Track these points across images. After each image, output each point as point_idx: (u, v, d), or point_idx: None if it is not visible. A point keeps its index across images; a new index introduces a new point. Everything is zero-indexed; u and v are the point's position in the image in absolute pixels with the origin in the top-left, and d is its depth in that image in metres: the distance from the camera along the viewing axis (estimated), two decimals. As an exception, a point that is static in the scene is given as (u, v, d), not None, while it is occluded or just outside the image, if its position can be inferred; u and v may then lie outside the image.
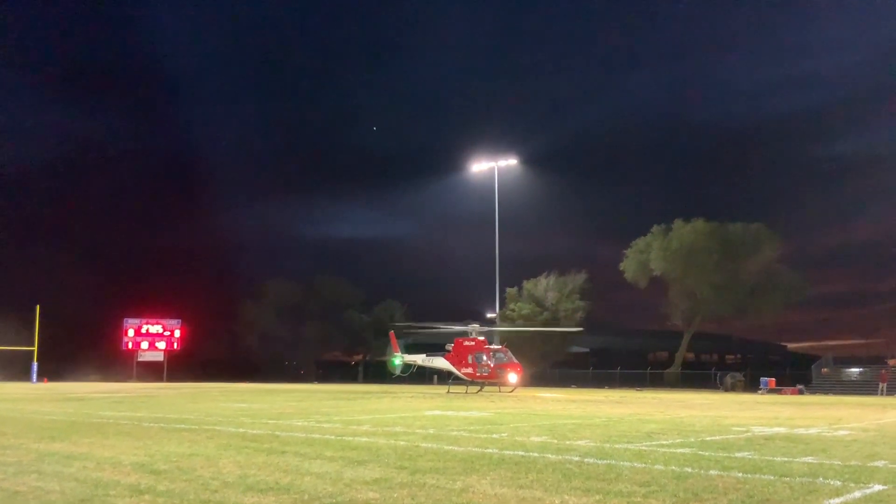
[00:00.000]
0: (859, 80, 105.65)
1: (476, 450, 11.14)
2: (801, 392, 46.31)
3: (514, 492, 7.62)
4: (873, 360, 54.77)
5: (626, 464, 9.65)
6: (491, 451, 11.02)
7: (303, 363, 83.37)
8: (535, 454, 10.62)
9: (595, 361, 67.51)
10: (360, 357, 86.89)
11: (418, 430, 14.50)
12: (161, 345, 73.93)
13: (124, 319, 72.91)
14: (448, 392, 38.43)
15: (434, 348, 44.02)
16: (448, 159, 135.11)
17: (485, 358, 38.47)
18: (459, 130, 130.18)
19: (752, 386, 51.30)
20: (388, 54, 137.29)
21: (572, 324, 57.58)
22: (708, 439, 13.15)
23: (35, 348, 61.74)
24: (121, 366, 70.90)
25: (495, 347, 40.14)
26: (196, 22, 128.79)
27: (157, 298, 75.37)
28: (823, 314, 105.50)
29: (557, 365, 64.03)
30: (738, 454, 10.80)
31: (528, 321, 58.44)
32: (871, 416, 21.49)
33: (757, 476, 8.69)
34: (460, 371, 39.75)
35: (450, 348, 41.06)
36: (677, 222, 59.27)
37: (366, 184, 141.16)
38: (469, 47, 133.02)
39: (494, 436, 13.46)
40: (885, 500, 7.49)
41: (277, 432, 13.98)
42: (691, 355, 76.90)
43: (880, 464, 9.96)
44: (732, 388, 50.55)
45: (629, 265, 60.93)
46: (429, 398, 31.55)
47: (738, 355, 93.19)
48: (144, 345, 73.26)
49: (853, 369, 53.45)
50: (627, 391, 46.22)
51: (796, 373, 55.26)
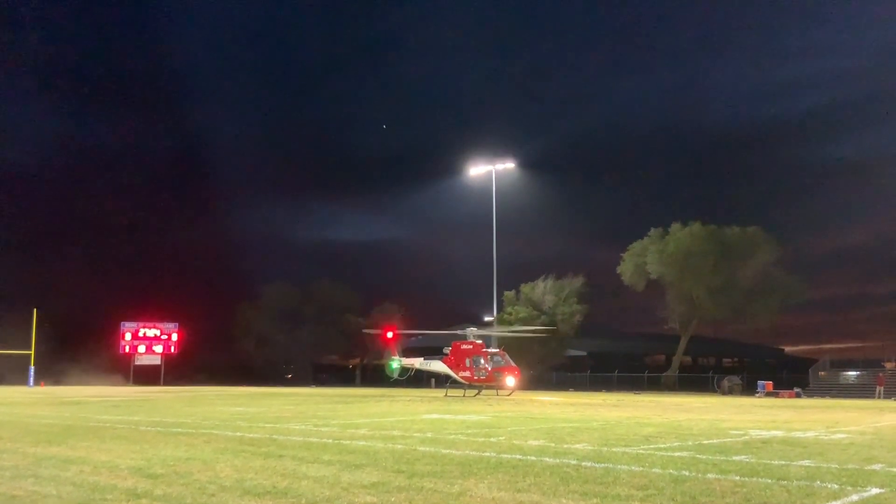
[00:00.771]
0: (856, 84, 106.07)
1: (474, 453, 11.13)
2: (798, 395, 46.35)
3: (511, 495, 7.62)
4: (870, 364, 54.82)
5: (623, 467, 9.65)
6: (488, 454, 11.01)
7: (300, 367, 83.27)
8: (533, 458, 10.62)
9: (593, 365, 67.55)
10: (357, 360, 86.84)
11: (416, 434, 14.49)
12: (158, 348, 73.78)
13: (121, 323, 72.77)
14: (446, 395, 38.39)
15: (432, 352, 44.01)
16: (446, 163, 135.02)
17: (482, 361, 38.46)
18: (457, 134, 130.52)
19: (749, 389, 51.33)
20: (386, 58, 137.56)
21: (570, 328, 57.64)
22: (705, 443, 13.15)
23: (32, 352, 61.60)
24: (118, 369, 70.75)
25: (493, 351, 40.13)
26: (195, 25, 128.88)
27: (154, 302, 75.35)
28: (820, 318, 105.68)
29: (555, 368, 64.05)
30: (735, 457, 10.80)
31: (525, 325, 58.42)
32: (868, 419, 21.51)
33: (754, 479, 8.69)
34: (458, 374, 39.74)
35: (447, 352, 41.05)
36: (674, 226, 59.37)
37: (363, 187, 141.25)
38: (468, 51, 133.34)
39: (492, 439, 13.45)
40: (882, 503, 7.50)
41: (275, 436, 13.97)
42: (689, 359, 76.98)
43: (877, 467, 9.97)
44: (730, 392, 50.59)
45: (626, 269, 60.96)
46: (426, 402, 31.52)
47: (736, 359, 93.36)
48: (142, 348, 73.10)
49: (850, 373, 53.53)
50: (625, 394, 46.21)
51: (793, 376, 55.35)
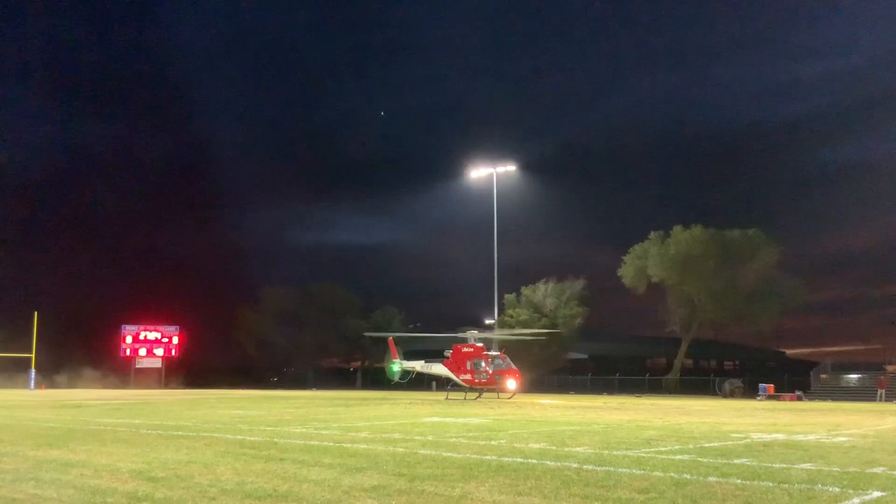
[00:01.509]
0: (858, 86, 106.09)
1: (475, 456, 11.12)
2: (799, 398, 46.28)
3: (512, 499, 7.61)
4: (872, 367, 54.76)
5: (624, 470, 9.64)
6: (489, 457, 11.00)
7: (301, 369, 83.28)
8: (534, 461, 10.61)
9: (594, 368, 67.49)
10: (358, 363, 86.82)
11: (417, 437, 14.47)
12: (159, 351, 73.79)
13: (122, 326, 72.80)
14: (446, 398, 38.36)
15: (433, 354, 43.96)
16: (447, 165, 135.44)
17: (483, 364, 38.44)
18: (458, 136, 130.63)
19: (750, 392, 51.28)
20: (387, 60, 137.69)
21: (571, 330, 57.61)
22: (706, 446, 13.13)
23: (33, 355, 61.61)
24: (119, 372, 70.75)
25: (494, 354, 40.11)
26: (195, 28, 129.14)
27: (155, 305, 75.40)
28: (822, 320, 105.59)
29: (556, 371, 64.00)
30: (736, 461, 10.79)
31: (526, 327, 58.39)
32: (869, 422, 21.48)
33: (756, 483, 8.68)
34: (459, 377, 39.71)
35: (448, 355, 41.03)
36: (675, 228, 59.36)
37: (364, 190, 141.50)
38: (469, 53, 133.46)
39: (493, 442, 13.44)
40: (883, 506, 7.49)
41: (275, 439, 13.96)
42: (690, 361, 76.87)
43: (879, 470, 9.96)
44: (731, 395, 50.55)
45: (627, 271, 60.96)
46: (427, 405, 31.48)
47: (737, 361, 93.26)
48: (142, 351, 73.11)
49: (852, 375, 53.48)
50: (626, 397, 46.16)
51: (795, 379, 55.25)
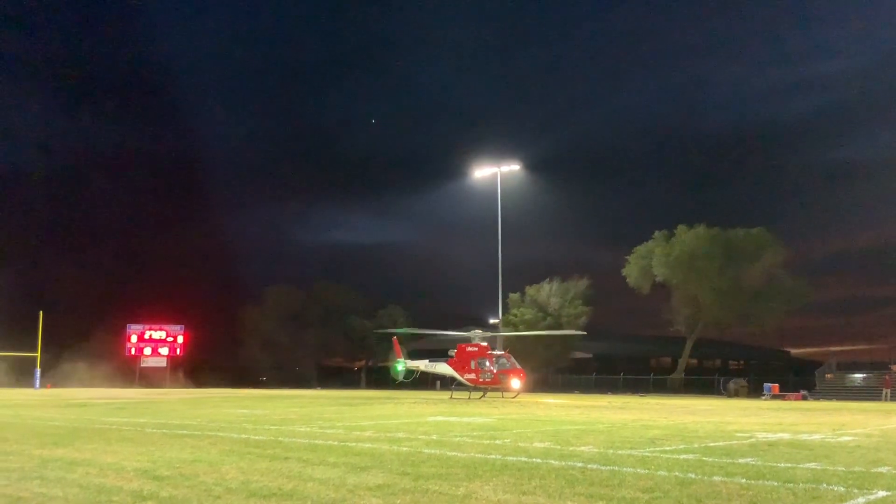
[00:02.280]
0: (862, 85, 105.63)
1: (479, 456, 11.12)
2: (804, 398, 46.20)
3: (517, 498, 7.61)
4: (877, 366, 54.63)
5: (629, 470, 9.63)
6: (494, 456, 11.00)
7: (305, 369, 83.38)
8: (539, 460, 10.61)
9: (598, 367, 67.44)
10: (362, 363, 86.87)
11: (421, 436, 14.48)
12: (164, 350, 73.98)
13: (127, 325, 73.01)
14: (451, 398, 38.37)
15: (437, 354, 43.97)
16: (451, 165, 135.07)
17: (488, 363, 38.43)
18: (462, 136, 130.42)
19: (755, 392, 51.19)
20: (390, 59, 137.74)
21: (575, 329, 57.51)
22: (711, 445, 13.11)
23: (38, 354, 61.81)
24: (124, 371, 70.97)
25: (498, 353, 40.09)
26: (196, 28, 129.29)
27: (160, 304, 75.60)
28: (827, 320, 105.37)
29: (560, 370, 64.00)
30: (741, 460, 10.77)
31: (530, 327, 58.39)
32: (874, 421, 21.42)
33: (760, 482, 8.67)
34: (463, 377, 39.71)
35: (453, 354, 41.03)
36: (680, 228, 59.26)
37: (368, 190, 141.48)
38: (471, 52, 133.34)
39: (497, 441, 13.44)
40: (889, 506, 7.47)
41: (280, 438, 13.98)
42: (694, 361, 76.76)
43: (884, 469, 9.93)
44: (736, 394, 50.47)
45: (631, 271, 60.89)
46: (432, 404, 31.50)
47: (742, 361, 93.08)
48: (147, 350, 73.32)
49: (857, 375, 53.34)
50: (630, 397, 46.13)
51: (800, 378, 55.13)
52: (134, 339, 72.92)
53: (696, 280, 57.43)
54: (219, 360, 79.15)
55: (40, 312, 61.74)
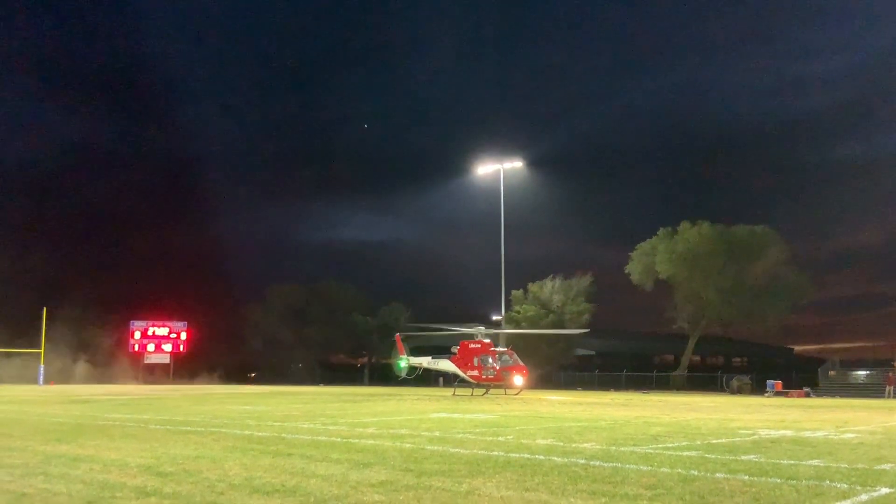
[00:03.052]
0: (865, 82, 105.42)
1: (482, 452, 11.13)
2: (807, 395, 46.14)
3: (519, 494, 7.62)
4: (880, 363, 54.53)
5: (632, 466, 9.63)
6: (497, 453, 11.01)
7: (308, 366, 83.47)
8: (541, 457, 10.61)
9: (601, 364, 67.40)
10: (365, 360, 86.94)
11: (424, 433, 14.50)
12: (167, 347, 74.07)
13: (131, 322, 73.10)
14: (454, 394, 38.39)
15: (440, 351, 43.99)
16: (454, 162, 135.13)
17: (490, 360, 38.42)
18: (465, 133, 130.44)
19: (758, 389, 51.13)
20: (391, 57, 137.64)
21: (578, 326, 57.51)
22: (714, 442, 13.11)
23: (42, 350, 61.94)
24: (127, 368, 71.07)
25: (501, 350, 40.09)
26: (197, 25, 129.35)
27: (163, 301, 75.66)
28: (830, 317, 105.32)
29: (563, 367, 63.95)
30: (744, 457, 10.77)
31: (533, 324, 58.36)
32: (877, 419, 21.40)
33: (763, 479, 8.67)
34: (466, 373, 39.71)
35: (455, 351, 41.04)
36: (683, 225, 59.13)
37: (371, 187, 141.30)
38: (474, 49, 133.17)
39: (500, 438, 13.45)
40: (891, 503, 7.47)
41: (283, 435, 14.00)
42: (697, 358, 76.72)
43: (887, 467, 9.92)
44: (739, 391, 50.41)
45: (635, 268, 60.77)
46: (434, 401, 31.53)
47: (745, 358, 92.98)
48: (151, 347, 73.42)
49: (860, 372, 53.25)
50: (633, 394, 46.11)
51: (803, 376, 55.07)
52: (137, 335, 73.02)
53: (699, 277, 57.34)
54: (222, 357, 79.20)
55: (44, 309, 61.87)
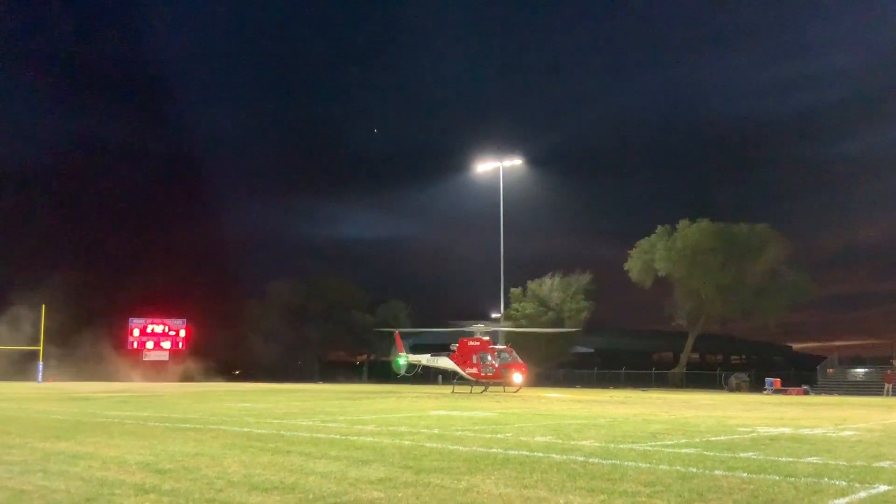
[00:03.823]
0: (865, 80, 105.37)
1: (481, 449, 11.14)
2: (806, 392, 46.21)
3: (518, 491, 7.62)
4: (879, 361, 54.59)
5: (630, 464, 9.64)
6: (495, 450, 11.02)
7: (307, 363, 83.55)
8: (540, 454, 10.62)
9: (600, 362, 67.46)
10: (364, 357, 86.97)
11: (423, 430, 14.51)
12: (166, 344, 74.14)
13: (130, 319, 73.12)
14: (453, 392, 38.41)
15: (439, 348, 43.99)
16: (453, 159, 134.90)
17: (489, 358, 38.42)
18: (465, 130, 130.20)
19: (757, 386, 51.18)
20: (391, 54, 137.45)
21: (577, 324, 57.57)
22: (713, 439, 13.13)
23: (41, 348, 61.94)
24: (126, 365, 71.11)
25: (500, 347, 40.09)
26: (197, 23, 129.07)
27: (162, 298, 75.66)
28: (829, 315, 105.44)
29: (562, 365, 63.98)
30: (742, 454, 10.78)
31: (532, 321, 58.37)
32: (876, 416, 21.43)
33: (762, 476, 8.68)
34: (465, 371, 39.72)
35: (454, 348, 41.04)
36: (682, 222, 59.15)
37: (370, 184, 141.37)
38: (474, 47, 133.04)
39: (499, 436, 13.46)
40: (890, 500, 7.48)
41: (282, 432, 14.01)
42: (696, 356, 76.78)
43: (885, 464, 9.93)
44: (737, 389, 50.47)
45: (634, 265, 60.79)
46: (433, 398, 31.55)
47: (744, 356, 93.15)
48: (150, 344, 73.49)
49: (859, 370, 53.34)
50: (632, 391, 46.15)
51: (801, 373, 55.15)
52: (136, 332, 73.06)
53: (698, 275, 57.37)
54: (221, 354, 79.20)
55: (42, 306, 61.85)
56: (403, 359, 44.78)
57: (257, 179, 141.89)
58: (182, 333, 74.84)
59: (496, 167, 56.26)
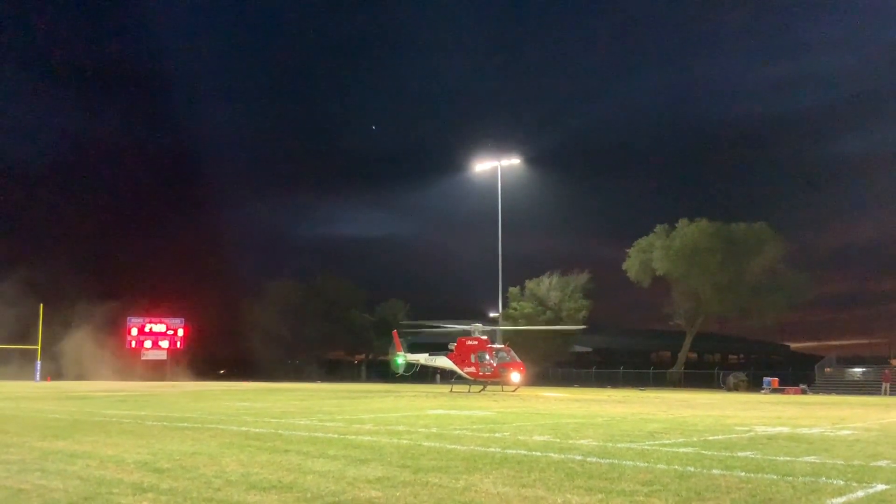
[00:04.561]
0: (863, 80, 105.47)
1: (479, 449, 11.14)
2: (804, 392, 46.26)
3: (516, 490, 7.63)
4: (876, 360, 54.70)
5: (628, 463, 9.64)
6: (493, 449, 11.02)
7: (306, 362, 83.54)
8: (538, 453, 10.63)
9: (598, 361, 67.56)
10: (362, 356, 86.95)
11: (421, 429, 14.51)
12: (164, 344, 74.08)
13: (128, 318, 73.06)
14: (451, 391, 38.41)
15: (437, 347, 43.99)
16: (451, 158, 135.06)
17: (487, 357, 38.43)
18: (463, 130, 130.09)
19: (755, 386, 51.23)
20: (392, 54, 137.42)
21: (575, 323, 57.58)
22: (711, 439, 13.14)
23: (39, 347, 61.88)
24: (124, 364, 71.03)
25: (498, 347, 40.10)
26: (197, 22, 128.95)
27: (160, 297, 75.64)
28: (827, 314, 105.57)
29: (560, 364, 64.02)
30: (740, 453, 10.79)
31: (530, 320, 58.38)
32: (874, 415, 21.46)
33: (759, 475, 8.68)
34: (463, 370, 39.73)
35: (453, 347, 41.04)
36: (681, 221, 59.17)
37: (368, 183, 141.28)
38: (472, 46, 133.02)
39: (497, 435, 13.46)
40: (887, 499, 7.48)
41: (280, 431, 14.00)
42: (694, 355, 76.90)
43: (883, 463, 9.95)
44: (735, 388, 50.50)
45: (632, 265, 60.81)
46: (432, 397, 31.55)
47: (741, 355, 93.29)
48: (148, 343, 73.43)
49: (856, 369, 53.40)
50: (630, 391, 46.18)
51: (799, 373, 55.19)
52: (134, 332, 73.00)
53: (696, 274, 57.39)
54: (220, 353, 79.24)
55: (41, 305, 61.79)
56: (402, 358, 44.77)
57: (256, 179, 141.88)
58: (180, 333, 74.80)
59: (494, 166, 56.23)
